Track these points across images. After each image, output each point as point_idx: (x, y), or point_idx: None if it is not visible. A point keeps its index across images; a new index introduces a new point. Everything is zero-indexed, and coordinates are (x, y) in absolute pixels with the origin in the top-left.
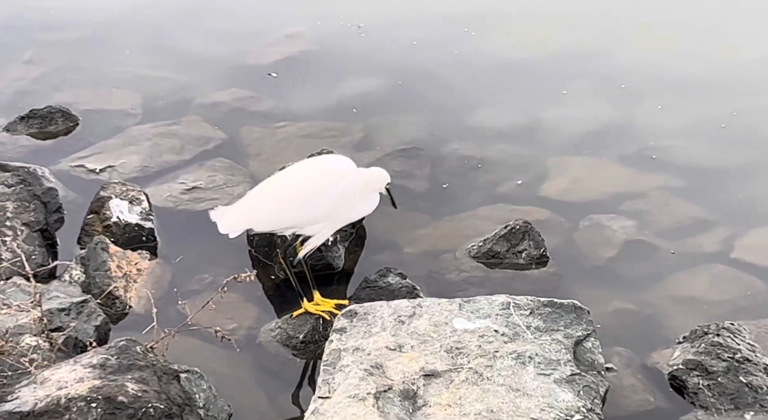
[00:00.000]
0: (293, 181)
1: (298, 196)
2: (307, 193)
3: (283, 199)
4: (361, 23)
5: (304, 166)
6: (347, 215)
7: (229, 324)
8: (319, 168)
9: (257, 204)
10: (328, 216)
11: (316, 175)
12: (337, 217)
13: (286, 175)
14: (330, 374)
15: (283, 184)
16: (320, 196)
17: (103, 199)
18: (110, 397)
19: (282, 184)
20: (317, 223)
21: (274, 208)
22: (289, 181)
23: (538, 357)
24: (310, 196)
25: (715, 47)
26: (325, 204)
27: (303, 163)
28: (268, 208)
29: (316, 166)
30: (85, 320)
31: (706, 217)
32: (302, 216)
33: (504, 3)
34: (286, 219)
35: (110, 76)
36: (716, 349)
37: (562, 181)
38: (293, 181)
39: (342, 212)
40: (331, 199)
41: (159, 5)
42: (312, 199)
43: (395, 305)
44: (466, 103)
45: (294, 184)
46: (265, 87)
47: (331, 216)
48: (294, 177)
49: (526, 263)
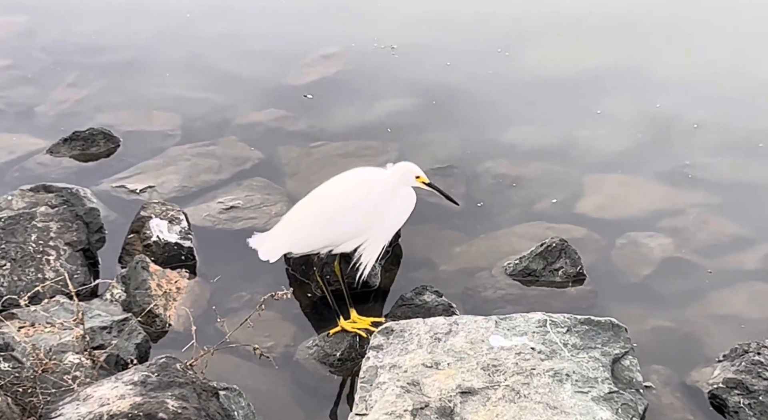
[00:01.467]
0: (323, 199)
1: (329, 213)
2: (337, 209)
3: (314, 219)
4: (395, 45)
5: (333, 182)
6: (385, 226)
7: (267, 341)
8: (347, 182)
9: (291, 227)
10: (365, 230)
11: (344, 190)
12: (375, 229)
13: (316, 195)
14: (367, 391)
15: (314, 203)
16: (351, 210)
17: (143, 218)
18: (151, 413)
19: (312, 204)
20: (354, 238)
21: (307, 229)
22: (318, 201)
23: (576, 375)
24: (339, 212)
25: (752, 62)
26: (358, 217)
27: (332, 180)
28: (301, 230)
29: (344, 181)
30: (126, 338)
31: (744, 235)
32: (336, 233)
33: (535, 22)
34: (320, 238)
35: (150, 98)
36: (757, 368)
37: (598, 199)
38: (323, 199)
39: (378, 223)
40: (365, 211)
41: (197, 28)
42: (343, 214)
43: (431, 323)
44: (499, 122)
45: (323, 202)
46: (302, 107)
47: (369, 230)
48: (323, 195)
49: (562, 281)
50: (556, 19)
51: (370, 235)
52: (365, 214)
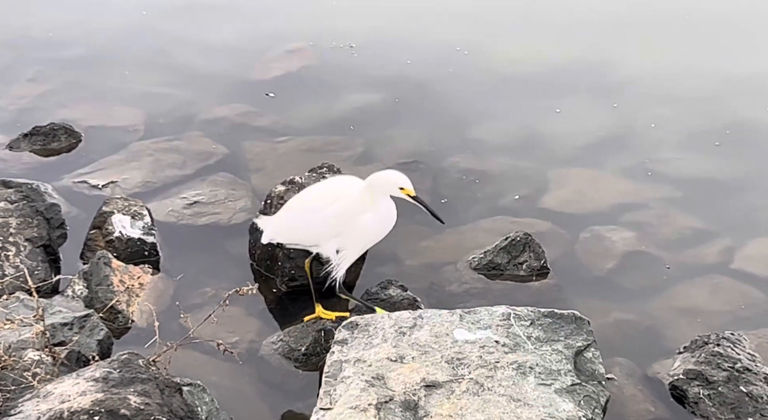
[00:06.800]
0: (304, 198)
1: (302, 214)
2: (307, 211)
3: (294, 215)
4: (353, 43)
5: (318, 185)
6: (358, 233)
7: (232, 337)
8: (323, 187)
9: (281, 217)
10: (333, 235)
11: (319, 194)
12: (348, 235)
13: (305, 192)
14: (331, 386)
15: (299, 201)
16: (318, 212)
17: (105, 214)
18: (113, 410)
19: (298, 201)
20: (324, 242)
21: (287, 223)
22: (302, 199)
23: (539, 367)
24: (309, 214)
25: (713, 61)
26: (325, 223)
27: (320, 183)
28: (283, 221)
29: (322, 185)
30: (87, 334)
31: (705, 228)
32: (309, 233)
33: (493, 21)
34: (297, 235)
35: (113, 93)
36: (716, 359)
37: (562, 193)
38: (304, 198)
39: (349, 230)
40: (330, 217)
41: (160, 23)
42: (312, 217)
43: (396, 317)
44: (463, 118)
45: (304, 201)
46: (266, 102)
47: (339, 236)
48: (307, 195)
49: (526, 275)
50: (515, 18)
51: (342, 242)
52: (331, 218)
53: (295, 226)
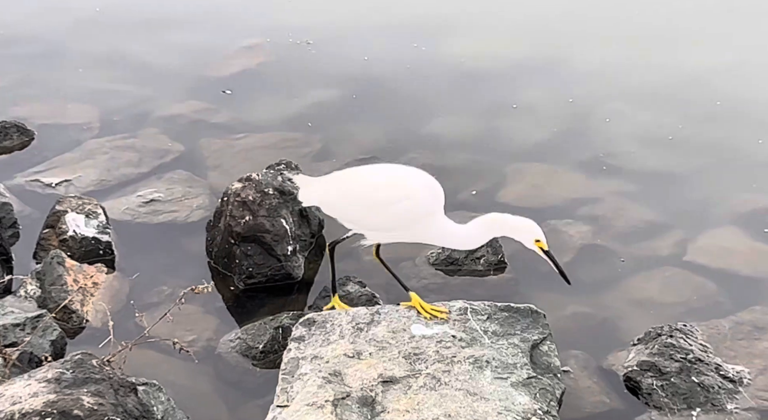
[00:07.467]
0: (364, 183)
1: (366, 200)
2: (376, 200)
3: (356, 197)
4: (311, 40)
5: (385, 171)
6: (421, 235)
7: (189, 336)
8: (392, 176)
9: (331, 189)
10: (393, 228)
11: (388, 183)
12: (411, 232)
13: (364, 174)
14: (288, 383)
15: (356, 182)
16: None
17: (58, 213)
18: (65, 411)
19: (356, 181)
20: (378, 232)
21: (344, 202)
22: (360, 182)
23: (495, 361)
24: (377, 204)
25: (665, 57)
26: (394, 217)
27: (386, 169)
28: (338, 199)
29: (390, 173)
30: (40, 335)
31: (659, 221)
32: (369, 220)
33: (448, 18)
34: (349, 216)
35: (66, 91)
36: (669, 350)
37: (519, 188)
38: (364, 183)
39: (417, 230)
40: (402, 212)
41: (114, 19)
42: (380, 209)
43: (353, 313)
44: (420, 114)
45: (362, 187)
46: (223, 99)
47: (399, 229)
48: (367, 179)
49: (484, 269)
50: (471, 14)
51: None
52: (402, 214)
53: (351, 210)
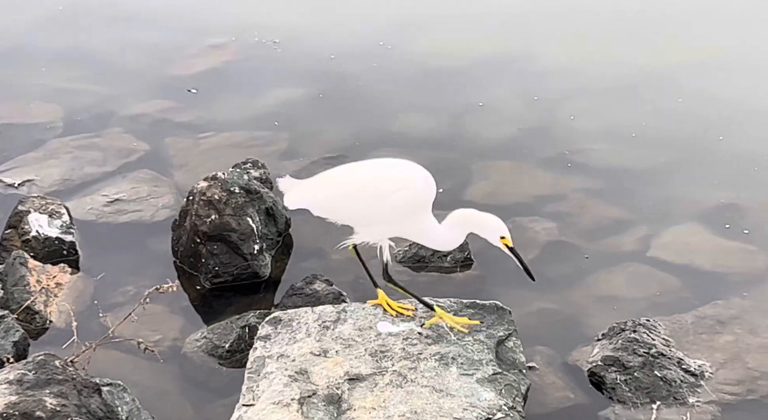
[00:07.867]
0: (358, 176)
1: (357, 194)
2: (367, 193)
3: (345, 193)
4: (277, 38)
5: (377, 165)
6: (415, 231)
7: (154, 335)
8: (382, 169)
9: (321, 188)
10: (389, 221)
11: (379, 176)
12: (404, 226)
13: (356, 169)
14: (254, 381)
15: (349, 177)
16: (379, 199)
17: (21, 213)
18: (27, 412)
19: (348, 176)
20: (370, 227)
21: (333, 200)
22: (354, 176)
23: (461, 358)
24: (369, 197)
25: (628, 54)
26: (390, 208)
27: (378, 162)
28: (327, 198)
29: (379, 166)
30: (2, 336)
31: (622, 218)
32: (362, 215)
33: (413, 16)
34: (342, 214)
35: (29, 89)
36: (632, 345)
37: (485, 186)
38: (358, 176)
39: (410, 224)
40: (384, 205)
41: (77, 17)
42: (372, 201)
43: (320, 311)
44: (387, 112)
45: (357, 180)
46: (189, 98)
47: (394, 222)
48: (361, 173)
49: (450, 266)
50: (436, 12)
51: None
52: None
53: (344, 205)
